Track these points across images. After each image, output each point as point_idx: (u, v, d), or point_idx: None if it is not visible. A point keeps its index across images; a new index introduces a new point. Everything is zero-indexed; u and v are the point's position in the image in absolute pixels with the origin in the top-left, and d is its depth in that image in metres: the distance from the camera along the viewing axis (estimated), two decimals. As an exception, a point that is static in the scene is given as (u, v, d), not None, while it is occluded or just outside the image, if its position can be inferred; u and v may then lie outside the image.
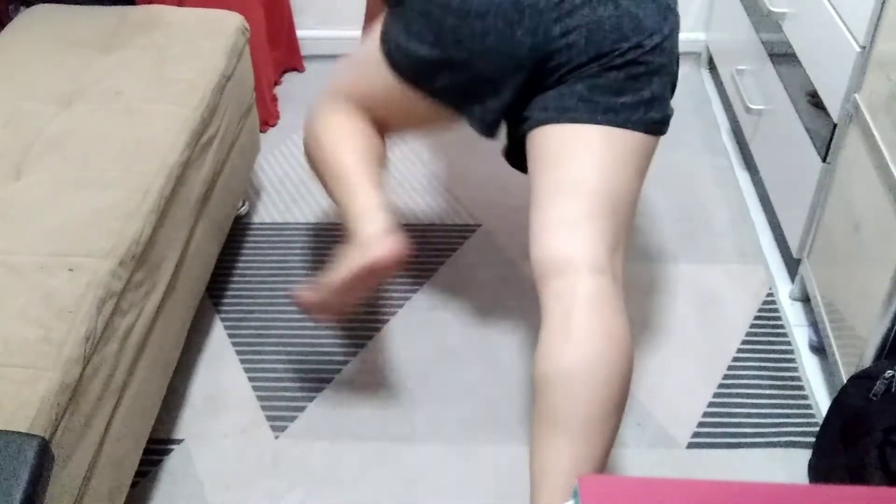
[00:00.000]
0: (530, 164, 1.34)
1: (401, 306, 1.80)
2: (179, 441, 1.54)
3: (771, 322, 1.76)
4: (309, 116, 1.57)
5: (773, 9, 1.81)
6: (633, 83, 1.28)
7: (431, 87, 1.39)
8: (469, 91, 1.36)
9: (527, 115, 1.35)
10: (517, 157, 1.45)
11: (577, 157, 1.27)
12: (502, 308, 1.80)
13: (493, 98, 1.35)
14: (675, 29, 1.33)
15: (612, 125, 1.28)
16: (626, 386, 1.17)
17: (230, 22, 1.80)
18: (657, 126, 1.32)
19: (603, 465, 1.15)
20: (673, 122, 2.33)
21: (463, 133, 2.25)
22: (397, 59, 1.41)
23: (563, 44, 1.26)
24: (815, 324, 1.69)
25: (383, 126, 1.54)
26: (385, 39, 1.42)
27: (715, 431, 1.55)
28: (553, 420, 1.13)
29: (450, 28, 1.30)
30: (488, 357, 1.70)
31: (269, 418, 1.58)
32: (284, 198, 2.10)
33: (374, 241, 1.33)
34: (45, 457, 0.97)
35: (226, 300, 1.82)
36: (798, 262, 1.73)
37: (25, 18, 1.81)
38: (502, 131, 1.46)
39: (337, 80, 1.55)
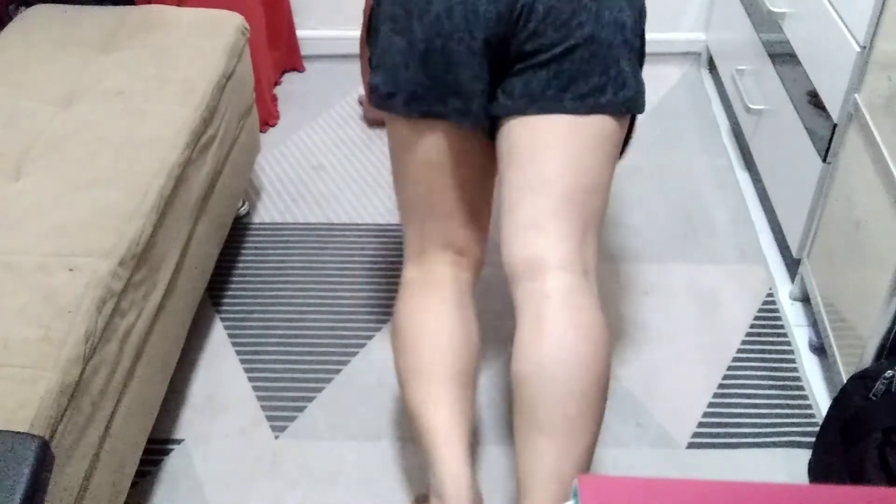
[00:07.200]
0: (500, 159, 1.30)
1: (401, 306, 1.80)
2: (179, 441, 1.54)
3: (771, 322, 1.76)
4: (396, 311, 1.38)
5: (773, 9, 1.81)
6: (597, 63, 1.23)
7: (423, 96, 1.29)
8: (449, 84, 1.28)
9: (496, 100, 1.29)
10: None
11: (544, 152, 1.24)
12: (502, 308, 1.80)
13: (473, 81, 1.27)
14: (634, 2, 1.27)
15: (580, 113, 1.24)
16: (603, 379, 1.15)
17: (230, 22, 1.80)
18: (632, 104, 1.27)
19: (588, 461, 1.14)
20: (673, 122, 2.35)
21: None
22: (387, 89, 1.30)
23: (522, 7, 1.20)
24: (815, 324, 1.69)
25: (462, 228, 1.39)
26: (372, 94, 1.34)
27: (715, 431, 1.55)
28: (533, 419, 1.13)
29: (417, 17, 1.24)
30: (488, 357, 1.69)
31: (269, 418, 1.58)
32: (284, 198, 2.10)
33: None
34: (45, 457, 0.97)
35: (226, 300, 1.82)
36: (798, 262, 1.73)
37: (25, 18, 1.81)
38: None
39: (405, 224, 1.41)
